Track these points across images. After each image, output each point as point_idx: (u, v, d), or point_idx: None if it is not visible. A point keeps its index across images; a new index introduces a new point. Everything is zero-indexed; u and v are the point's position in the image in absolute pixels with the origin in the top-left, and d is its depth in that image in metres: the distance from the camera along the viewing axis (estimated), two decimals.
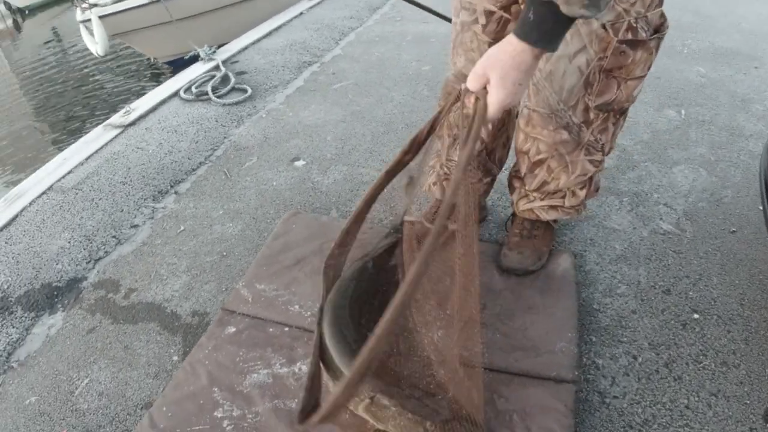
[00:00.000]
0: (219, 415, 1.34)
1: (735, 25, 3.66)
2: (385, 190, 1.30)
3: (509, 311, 1.52)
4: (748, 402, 1.33)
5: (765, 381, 1.37)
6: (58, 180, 2.42)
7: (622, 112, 1.44)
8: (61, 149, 3.02)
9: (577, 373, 1.34)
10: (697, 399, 1.35)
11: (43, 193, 2.34)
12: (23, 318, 1.79)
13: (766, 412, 1.30)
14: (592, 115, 1.39)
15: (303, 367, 1.41)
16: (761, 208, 1.94)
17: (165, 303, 1.78)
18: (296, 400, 1.34)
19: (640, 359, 1.45)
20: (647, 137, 2.40)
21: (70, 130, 5.39)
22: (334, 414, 0.95)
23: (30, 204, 2.27)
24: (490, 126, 1.61)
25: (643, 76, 1.37)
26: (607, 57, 1.28)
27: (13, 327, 1.75)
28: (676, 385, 1.38)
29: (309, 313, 1.57)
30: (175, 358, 1.60)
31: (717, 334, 1.50)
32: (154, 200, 2.28)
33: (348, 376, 0.87)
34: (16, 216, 2.21)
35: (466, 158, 1.01)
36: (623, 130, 2.37)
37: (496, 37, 1.43)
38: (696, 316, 1.56)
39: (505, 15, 1.35)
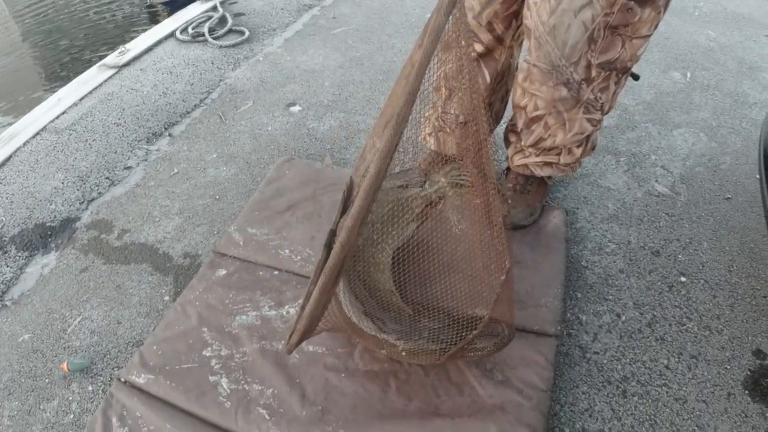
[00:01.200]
0: (207, 354, 1.36)
1: None
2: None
3: None
4: (729, 367, 1.35)
5: (747, 348, 1.39)
6: (52, 120, 2.39)
7: (625, 71, 1.41)
8: (55, 89, 2.97)
9: (559, 327, 1.36)
10: (677, 360, 1.37)
11: (37, 133, 2.31)
12: (17, 257, 1.80)
13: (746, 378, 1.32)
14: (593, 73, 1.36)
15: (291, 310, 1.43)
16: (759, 176, 1.94)
17: (157, 244, 1.78)
18: (283, 342, 1.37)
19: (623, 317, 1.47)
20: (650, 98, 2.36)
21: (64, 70, 5.28)
22: (311, 327, 0.97)
23: (24, 144, 2.25)
24: (488, 79, 1.59)
25: (649, 36, 1.33)
26: (613, 13, 1.24)
27: (7, 266, 1.76)
28: (657, 345, 1.40)
29: (299, 257, 1.58)
30: (167, 298, 1.61)
31: (703, 298, 1.52)
32: (147, 142, 2.26)
33: (320, 282, 0.90)
34: (10, 156, 2.19)
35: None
36: (625, 89, 2.35)
37: None
38: (683, 279, 1.57)
39: None
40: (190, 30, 2.98)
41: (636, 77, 1.46)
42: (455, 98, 1.47)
